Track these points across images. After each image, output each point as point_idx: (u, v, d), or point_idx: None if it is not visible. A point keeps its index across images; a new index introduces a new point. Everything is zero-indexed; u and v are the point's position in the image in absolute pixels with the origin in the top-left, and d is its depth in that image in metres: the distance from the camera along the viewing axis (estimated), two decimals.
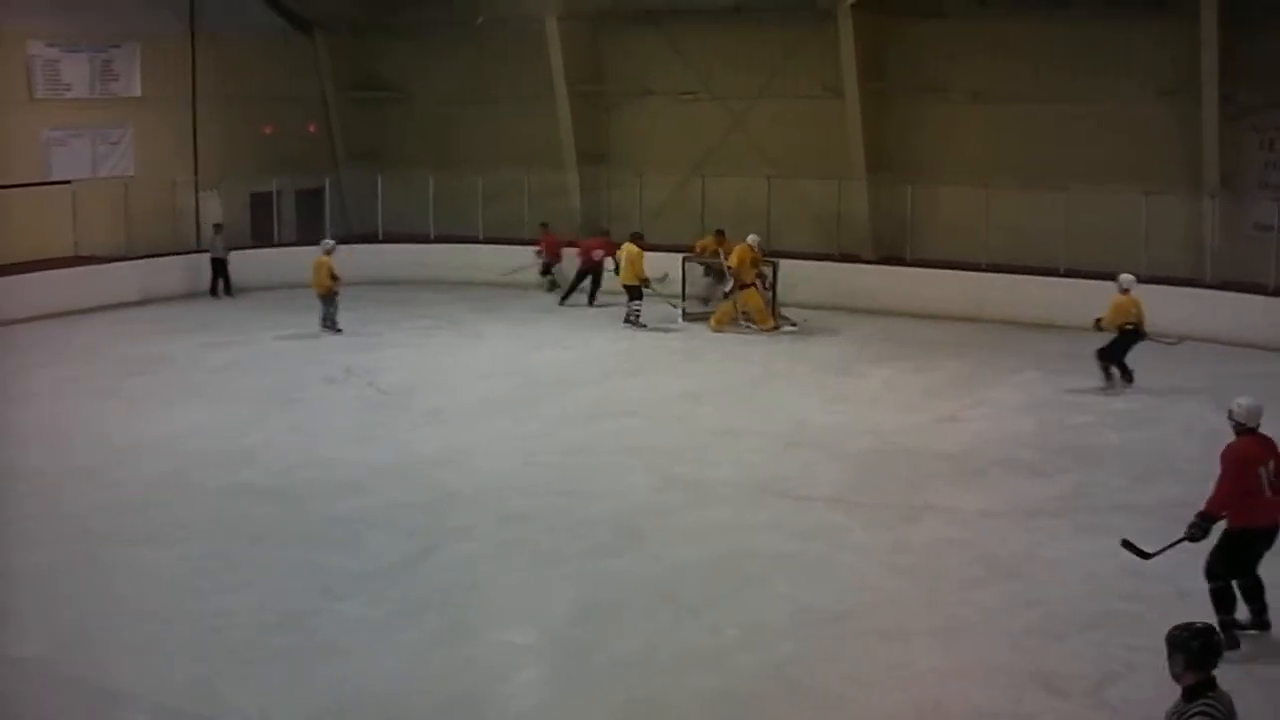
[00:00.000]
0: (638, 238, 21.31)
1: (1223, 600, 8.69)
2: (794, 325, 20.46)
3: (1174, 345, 16.80)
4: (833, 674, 8.54)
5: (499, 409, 15.55)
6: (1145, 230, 19.92)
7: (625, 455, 13.56)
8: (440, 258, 24.91)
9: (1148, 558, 8.87)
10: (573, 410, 15.54)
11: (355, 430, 14.59)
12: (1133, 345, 16.04)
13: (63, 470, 12.98)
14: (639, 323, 20.60)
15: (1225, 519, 8.68)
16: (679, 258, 21.55)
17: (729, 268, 20.25)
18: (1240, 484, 8.58)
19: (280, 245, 24.97)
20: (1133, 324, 15.94)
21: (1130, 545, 8.94)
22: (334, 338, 19.74)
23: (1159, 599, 9.23)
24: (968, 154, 22.12)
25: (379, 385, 16.73)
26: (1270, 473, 8.63)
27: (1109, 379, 16.16)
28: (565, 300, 22.77)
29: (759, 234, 20.62)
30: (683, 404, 15.86)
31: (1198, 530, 8.68)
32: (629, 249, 20.96)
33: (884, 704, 8.14)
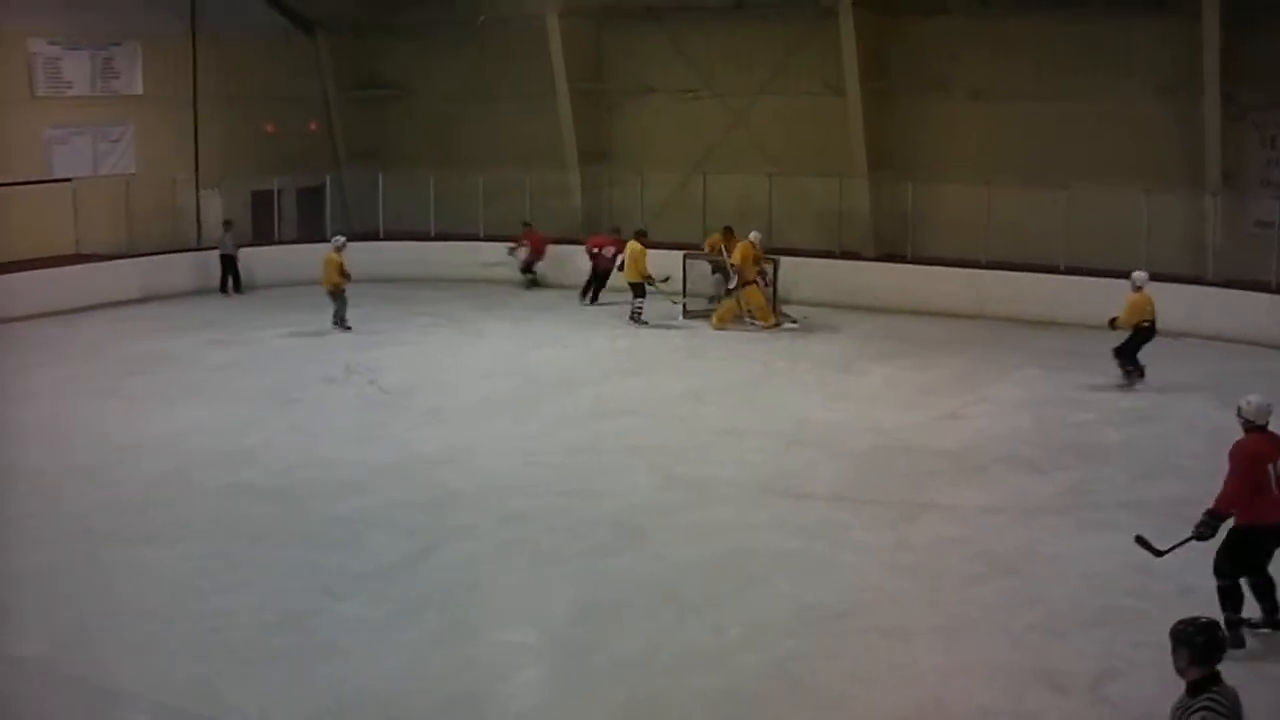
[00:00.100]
0: (642, 235, 21.29)
1: (1230, 597, 8.68)
2: (794, 323, 20.45)
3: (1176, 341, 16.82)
4: (835, 672, 8.53)
5: (500, 408, 15.52)
6: (1147, 228, 19.88)
7: (626, 454, 13.53)
8: (440, 255, 24.92)
9: (1160, 555, 8.84)
10: (574, 409, 15.52)
11: (356, 430, 14.57)
12: (1146, 342, 16.03)
13: (63, 469, 12.97)
14: (641, 320, 20.61)
15: (1234, 516, 8.67)
16: (680, 255, 21.55)
17: (732, 265, 20.24)
18: (1249, 481, 8.57)
19: (281, 243, 25.00)
20: (1149, 321, 15.94)
21: (1144, 542, 8.90)
22: (334, 336, 19.71)
23: (1161, 596, 9.22)
24: (969, 152, 22.08)
25: (380, 384, 16.71)
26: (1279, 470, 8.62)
27: (1128, 376, 16.14)
28: (595, 300, 22.55)
29: (760, 231, 20.64)
30: (684, 403, 15.83)
31: (1206, 528, 8.66)
32: (632, 246, 20.97)
33: (886, 702, 8.13)
